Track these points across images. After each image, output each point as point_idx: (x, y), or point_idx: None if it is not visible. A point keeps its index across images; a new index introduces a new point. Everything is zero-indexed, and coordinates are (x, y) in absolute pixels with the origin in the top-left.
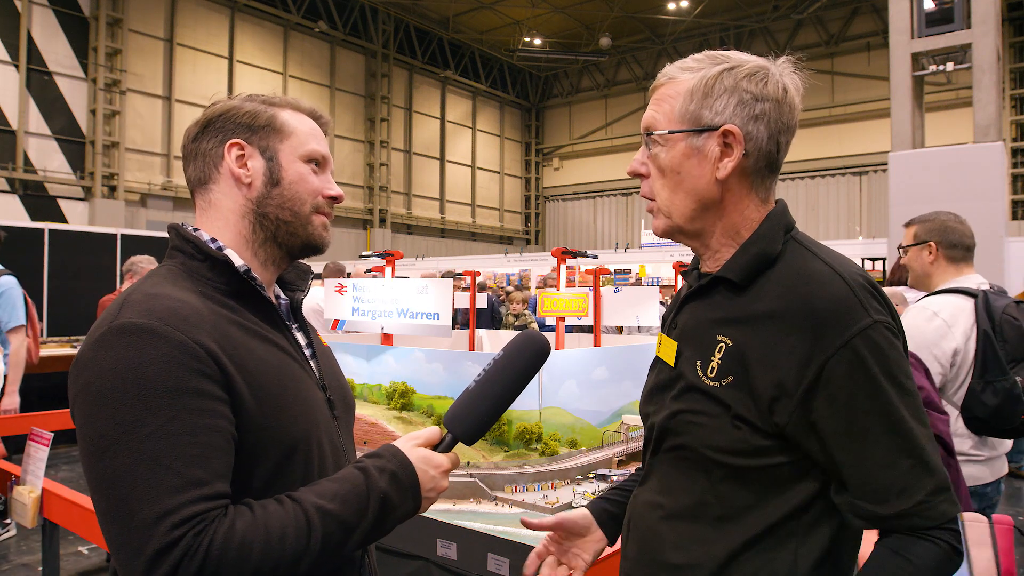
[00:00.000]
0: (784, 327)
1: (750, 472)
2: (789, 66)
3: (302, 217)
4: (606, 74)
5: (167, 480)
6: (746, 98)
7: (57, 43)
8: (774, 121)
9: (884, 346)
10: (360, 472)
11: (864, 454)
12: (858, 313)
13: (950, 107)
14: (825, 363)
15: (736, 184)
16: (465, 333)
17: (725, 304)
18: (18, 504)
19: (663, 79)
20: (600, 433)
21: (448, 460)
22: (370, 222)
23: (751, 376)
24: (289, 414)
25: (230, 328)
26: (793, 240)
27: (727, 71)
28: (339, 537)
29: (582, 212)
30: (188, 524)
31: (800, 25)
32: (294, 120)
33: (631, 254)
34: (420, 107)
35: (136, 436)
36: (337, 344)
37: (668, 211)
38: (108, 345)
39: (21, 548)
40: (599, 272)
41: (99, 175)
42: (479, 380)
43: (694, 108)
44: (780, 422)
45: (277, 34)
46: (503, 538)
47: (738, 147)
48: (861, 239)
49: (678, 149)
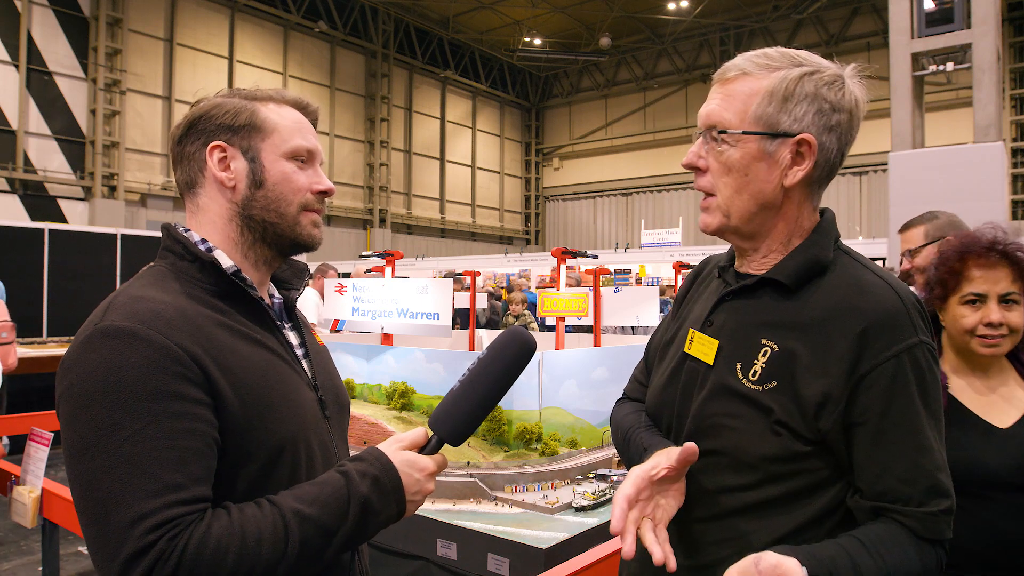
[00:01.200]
0: (836, 334)
1: (783, 478)
2: (856, 74)
3: (289, 218)
4: (606, 74)
5: (144, 484)
6: (825, 107)
7: (57, 43)
8: (845, 133)
9: (924, 367)
10: (341, 476)
11: (886, 464)
12: (908, 330)
13: (950, 107)
14: (870, 371)
15: (798, 192)
16: (465, 333)
17: (772, 307)
18: (18, 504)
19: (733, 72)
20: (600, 433)
21: (434, 462)
22: (370, 222)
23: (798, 383)
24: (275, 415)
25: (216, 330)
26: (840, 250)
27: (808, 76)
28: (318, 542)
29: (582, 212)
30: (163, 528)
31: (800, 25)
32: (276, 115)
33: (631, 254)
34: (420, 107)
35: (114, 439)
36: (337, 344)
37: (727, 210)
38: (92, 347)
39: (21, 548)
40: (599, 272)
41: (99, 175)
42: (463, 380)
43: (772, 111)
44: (824, 428)
45: (277, 34)
46: (503, 538)
47: (811, 157)
48: (861, 239)
49: (749, 150)
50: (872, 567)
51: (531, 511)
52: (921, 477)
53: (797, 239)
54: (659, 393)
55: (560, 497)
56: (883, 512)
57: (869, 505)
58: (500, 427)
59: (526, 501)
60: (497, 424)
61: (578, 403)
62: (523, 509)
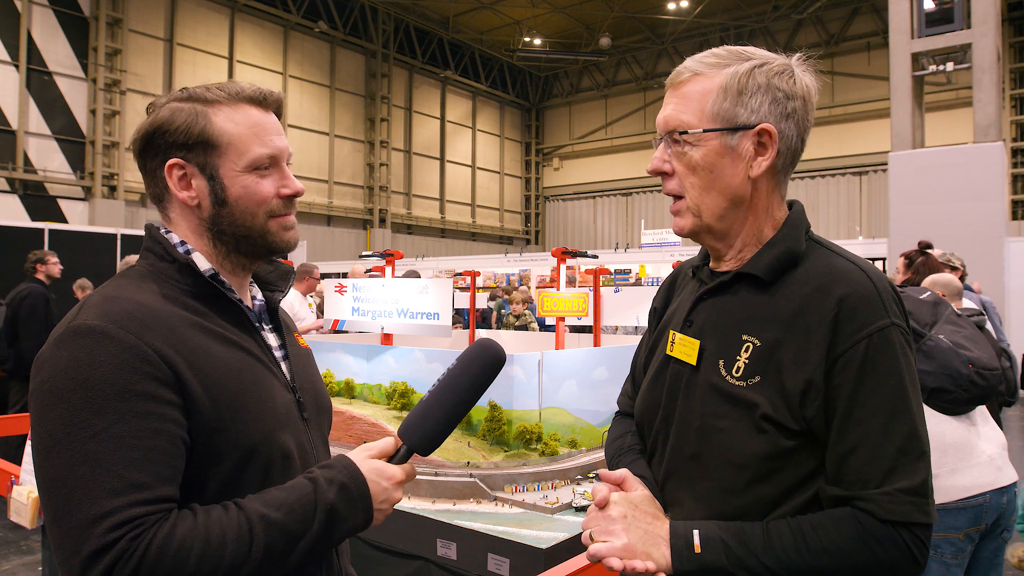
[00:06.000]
0: (813, 322)
1: (773, 476)
2: (803, 63)
3: (257, 229)
4: (606, 74)
5: (107, 482)
6: (779, 96)
7: (57, 43)
8: (802, 119)
9: (897, 349)
10: (309, 482)
11: (853, 446)
12: (880, 312)
13: (950, 107)
14: (842, 354)
15: (764, 183)
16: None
17: (750, 302)
18: (18, 504)
19: (685, 74)
20: (600, 433)
21: (402, 471)
22: (370, 222)
23: (783, 374)
24: (248, 417)
25: (190, 331)
26: (813, 240)
27: (758, 68)
28: (281, 547)
29: (582, 212)
30: (125, 527)
31: (800, 25)
32: (231, 123)
33: (631, 254)
34: (420, 107)
35: (80, 437)
36: (337, 344)
37: (698, 210)
38: (63, 345)
39: (21, 548)
40: (599, 272)
41: (99, 175)
42: (432, 390)
43: (728, 106)
44: (809, 416)
45: (277, 34)
46: (503, 538)
47: (773, 146)
48: (861, 239)
49: (711, 147)
50: (790, 546)
51: (531, 511)
52: (883, 458)
53: (770, 231)
54: (644, 398)
55: (560, 497)
56: (844, 500)
57: (830, 493)
58: (500, 427)
59: (526, 501)
60: (497, 424)
61: (578, 403)
62: (523, 509)
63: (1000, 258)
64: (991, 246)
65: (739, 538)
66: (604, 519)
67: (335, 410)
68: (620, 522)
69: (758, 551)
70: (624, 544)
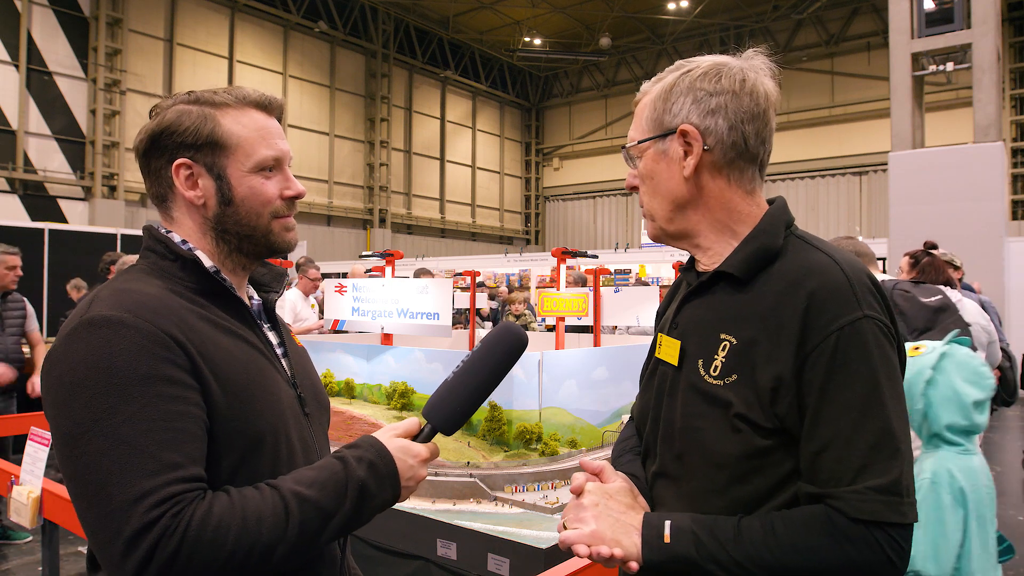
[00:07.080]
0: (786, 317)
1: (749, 477)
2: (758, 58)
3: (261, 229)
4: (606, 74)
5: (144, 463)
6: (700, 95)
7: (57, 43)
8: (733, 112)
9: (870, 340)
10: (339, 461)
11: (825, 443)
12: (851, 305)
13: (950, 107)
14: (813, 349)
15: (709, 180)
16: (465, 333)
17: (727, 301)
18: (18, 504)
19: (639, 95)
20: (600, 433)
21: (427, 449)
22: (370, 222)
23: (756, 373)
24: (255, 407)
25: (198, 322)
26: (794, 236)
27: (684, 74)
28: (316, 524)
29: (582, 212)
30: (167, 504)
31: (800, 25)
32: (238, 126)
33: (631, 254)
34: (420, 107)
35: (111, 422)
36: (337, 344)
37: (652, 215)
38: (79, 338)
39: (21, 548)
40: (599, 272)
41: (99, 175)
42: (457, 371)
43: (657, 115)
44: (781, 413)
45: (277, 34)
46: (503, 538)
47: (696, 143)
48: (861, 239)
49: (649, 156)
50: (759, 540)
51: (531, 511)
52: (854, 456)
53: (745, 229)
54: (639, 401)
55: (560, 497)
56: (818, 498)
57: (805, 491)
58: (500, 427)
59: (526, 501)
60: (497, 424)
61: (578, 403)
62: (523, 509)
63: (1000, 258)
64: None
65: (710, 531)
66: (576, 507)
67: (335, 410)
68: (591, 509)
69: (728, 544)
70: (592, 531)
